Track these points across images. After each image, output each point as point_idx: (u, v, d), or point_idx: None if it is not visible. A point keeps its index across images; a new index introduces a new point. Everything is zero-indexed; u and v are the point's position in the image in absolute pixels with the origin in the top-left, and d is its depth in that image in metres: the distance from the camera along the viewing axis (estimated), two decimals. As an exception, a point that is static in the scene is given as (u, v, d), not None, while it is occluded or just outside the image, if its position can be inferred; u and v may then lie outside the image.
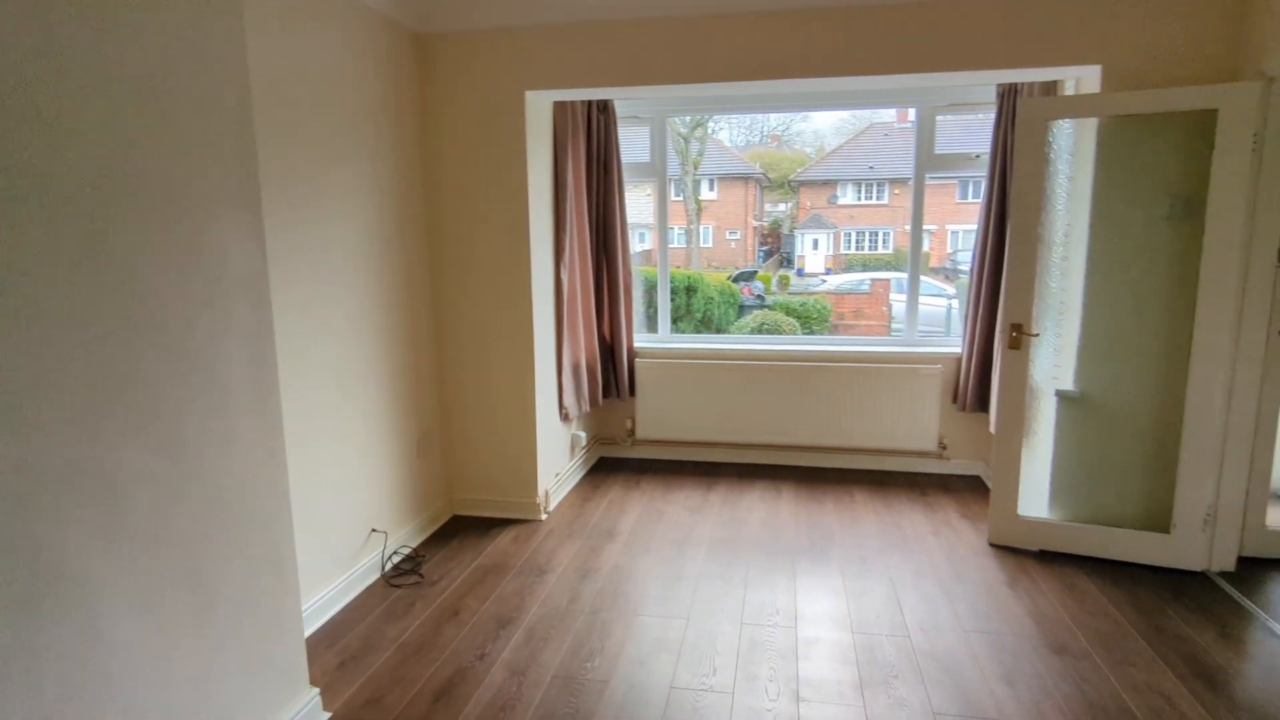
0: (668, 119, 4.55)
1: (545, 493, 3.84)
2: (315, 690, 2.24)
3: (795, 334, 5.75)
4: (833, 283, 8.31)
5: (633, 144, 4.60)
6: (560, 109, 3.84)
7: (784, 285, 8.22)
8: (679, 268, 6.71)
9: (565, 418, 4.11)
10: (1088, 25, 3.07)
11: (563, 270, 3.92)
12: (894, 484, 4.24)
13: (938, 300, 5.95)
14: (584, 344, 4.21)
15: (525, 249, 3.59)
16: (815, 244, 10.38)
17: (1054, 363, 3.28)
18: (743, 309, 6.52)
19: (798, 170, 10.64)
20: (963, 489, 4.15)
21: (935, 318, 5.67)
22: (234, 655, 1.91)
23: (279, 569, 2.06)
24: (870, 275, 8.09)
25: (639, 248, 5.14)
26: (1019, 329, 3.23)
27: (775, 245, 10.42)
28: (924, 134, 4.22)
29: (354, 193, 2.98)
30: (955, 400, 4.27)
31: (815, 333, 6.14)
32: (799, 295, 7.66)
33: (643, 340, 4.73)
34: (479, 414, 3.77)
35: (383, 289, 3.21)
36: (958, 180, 7.67)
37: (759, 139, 10.89)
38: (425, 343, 3.62)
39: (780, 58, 3.28)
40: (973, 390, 4.10)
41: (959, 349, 4.28)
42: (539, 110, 3.67)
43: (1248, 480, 3.08)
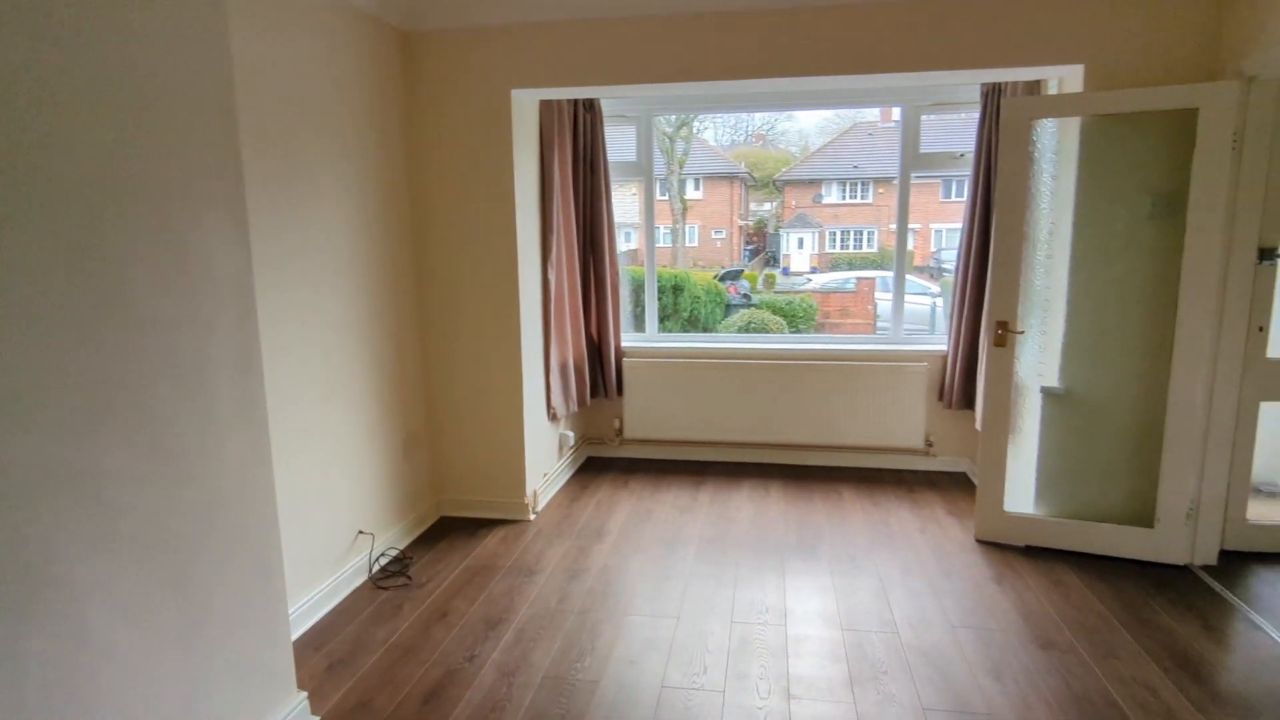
0: (654, 118, 4.55)
1: (533, 493, 3.83)
2: (303, 694, 2.22)
3: (782, 333, 5.76)
4: (818, 281, 8.36)
5: (618, 143, 4.60)
6: (546, 108, 3.83)
7: (770, 284, 8.25)
8: (665, 267, 6.71)
9: (553, 417, 4.10)
10: (1070, 25, 3.10)
11: (550, 270, 3.90)
12: (881, 481, 4.26)
13: (922, 299, 5.99)
14: (571, 343, 4.20)
15: (512, 248, 3.57)
16: (800, 243, 10.42)
17: (1039, 360, 3.31)
18: (729, 308, 6.53)
19: (782, 170, 10.67)
20: (949, 486, 4.18)
21: (920, 316, 5.70)
22: (221, 659, 1.89)
23: (266, 571, 2.04)
24: (855, 274, 8.13)
25: (624, 247, 5.13)
26: (1004, 326, 3.26)
27: (761, 244, 10.45)
28: (909, 133, 4.25)
29: (339, 192, 2.95)
30: (941, 398, 4.30)
31: (801, 331, 6.16)
32: (785, 294, 7.69)
33: (630, 340, 4.72)
34: (466, 415, 3.75)
35: (368, 289, 3.19)
36: (941, 179, 7.72)
37: (744, 138, 10.92)
38: (412, 343, 3.60)
39: (766, 56, 3.29)
40: (958, 388, 4.13)
41: (944, 347, 4.31)
42: (525, 109, 3.66)
43: (1229, 475, 3.13)
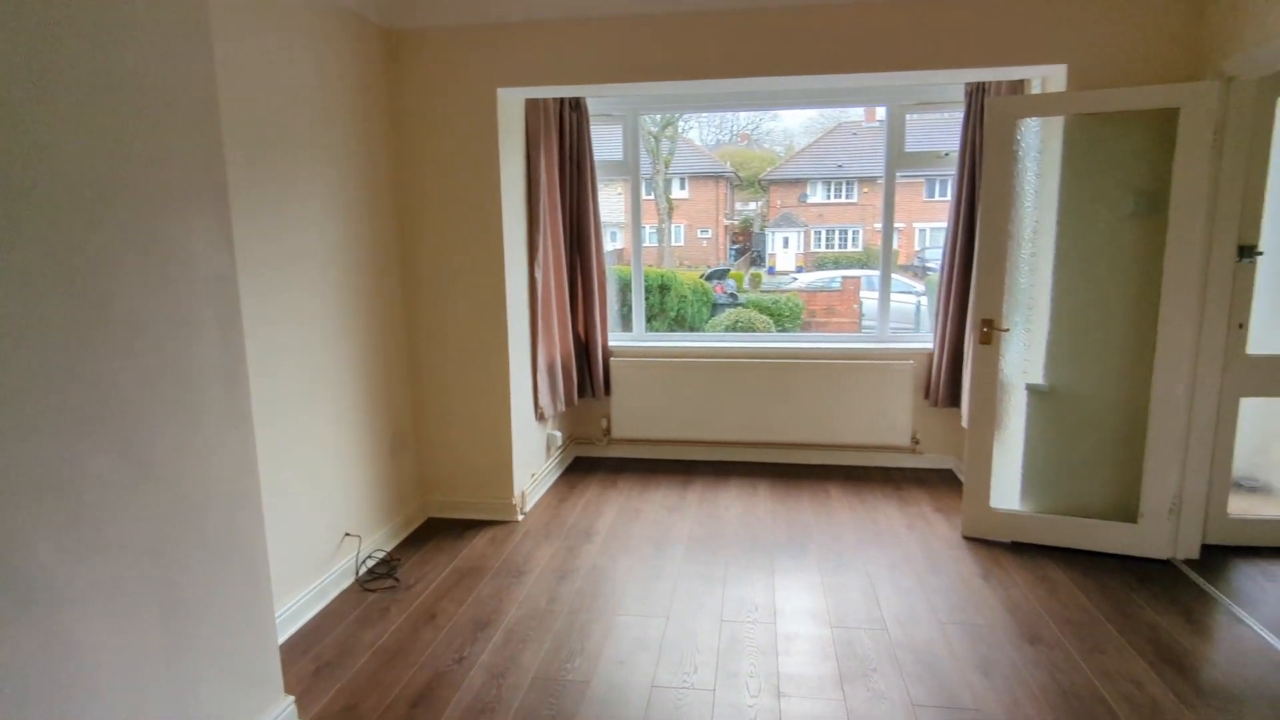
0: (640, 117, 4.54)
1: (521, 493, 3.81)
2: (290, 698, 2.19)
3: (769, 332, 5.77)
4: (804, 280, 8.38)
5: (605, 142, 4.59)
6: (532, 107, 3.81)
7: (756, 283, 8.27)
8: (651, 266, 6.70)
9: (540, 417, 4.09)
10: (1053, 25, 3.12)
11: (537, 269, 3.89)
12: (868, 479, 4.28)
13: (907, 297, 6.02)
14: (559, 343, 4.19)
15: (499, 247, 3.55)
16: (786, 242, 10.44)
17: (1024, 357, 3.33)
18: (716, 307, 6.53)
19: (767, 169, 10.69)
20: (936, 483, 4.20)
21: (905, 314, 5.73)
22: (206, 663, 1.86)
23: (251, 574, 2.01)
24: (841, 273, 8.16)
25: (610, 247, 5.12)
26: (990, 324, 3.28)
27: (746, 244, 10.47)
28: (894, 132, 4.27)
29: (323, 191, 2.93)
30: (927, 396, 4.33)
31: (788, 330, 6.17)
32: (771, 293, 7.71)
33: (617, 339, 4.71)
34: (453, 415, 3.73)
35: (354, 289, 3.16)
36: (924, 179, 7.77)
37: (729, 138, 10.93)
38: (398, 343, 3.57)
39: (752, 55, 3.29)
40: (944, 385, 4.15)
41: (930, 345, 4.34)
42: (511, 108, 3.64)
43: (1210, 470, 3.17)
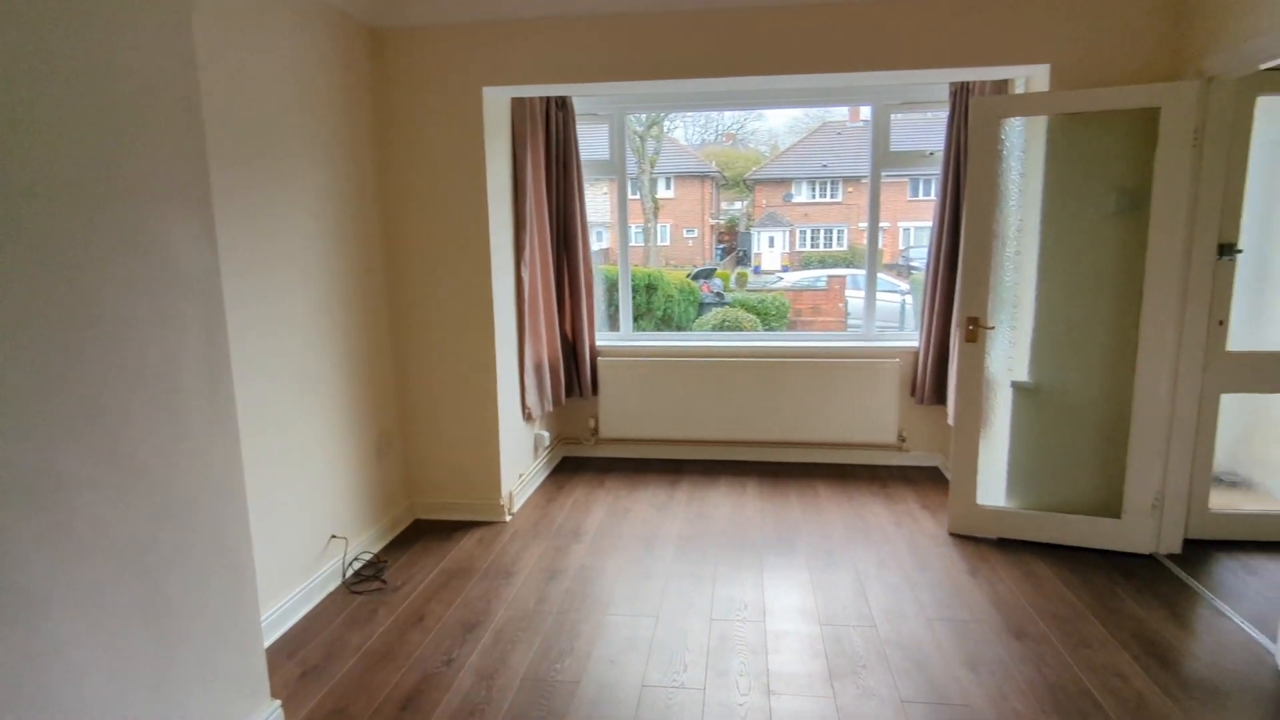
0: (626, 116, 4.54)
1: (509, 494, 3.80)
2: (277, 702, 2.17)
3: (756, 331, 5.79)
4: (790, 280, 8.40)
5: (591, 142, 4.58)
6: (518, 106, 3.80)
7: (742, 283, 8.28)
8: (637, 266, 6.70)
9: (528, 417, 4.07)
10: (1036, 26, 3.15)
11: (523, 269, 3.87)
12: (855, 477, 4.30)
13: (892, 296, 6.05)
14: (546, 343, 4.18)
15: (485, 247, 3.54)
16: (771, 242, 10.47)
17: (1009, 355, 3.36)
18: (702, 307, 6.54)
19: (753, 169, 10.72)
20: (922, 480, 4.23)
21: (890, 313, 5.76)
22: (191, 668, 1.84)
23: (236, 577, 1.99)
24: (826, 272, 8.19)
25: (595, 246, 5.11)
26: (975, 322, 3.30)
27: (732, 243, 10.49)
28: (879, 131, 4.28)
29: (307, 190, 2.90)
30: (913, 393, 4.35)
31: (774, 329, 6.19)
32: (757, 292, 7.72)
33: (605, 339, 4.71)
34: (440, 415, 3.70)
35: (339, 288, 3.13)
36: (909, 178, 7.82)
37: (714, 137, 10.95)
38: (384, 344, 3.54)
39: (738, 54, 3.29)
40: (930, 383, 4.18)
41: (916, 343, 4.36)
42: (497, 107, 3.62)
43: (1192, 466, 3.20)
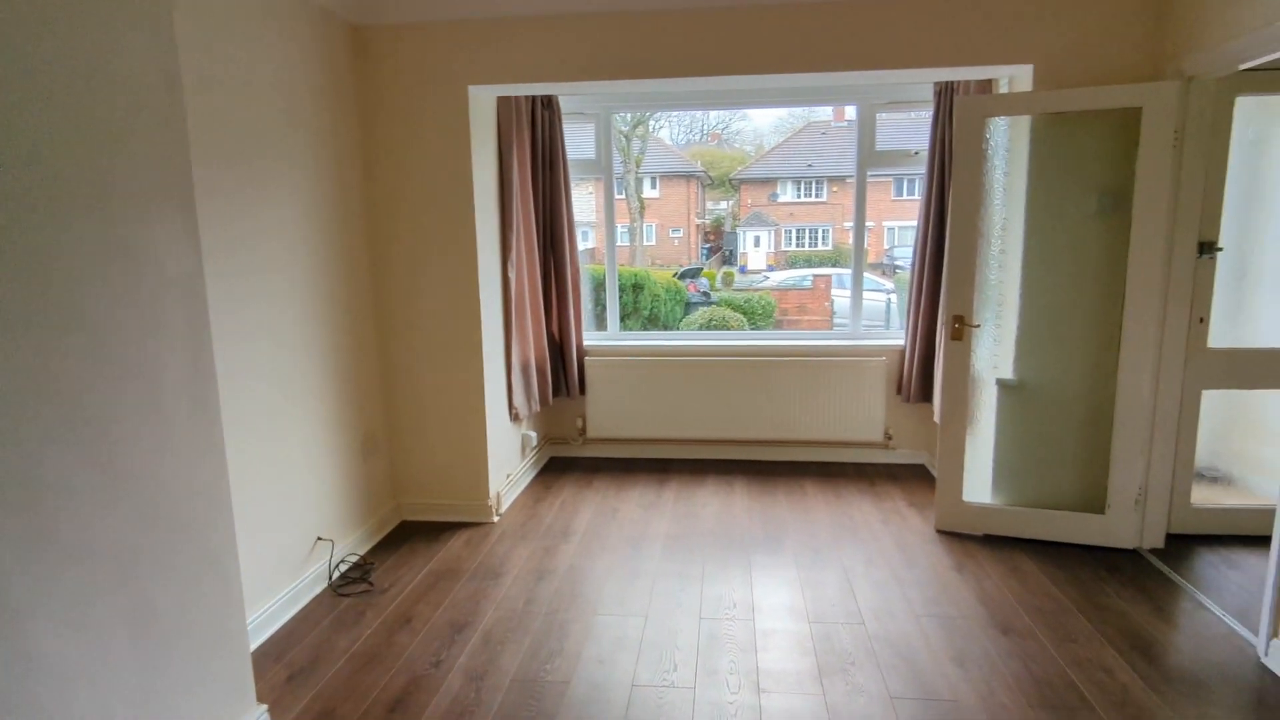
0: (612, 115, 4.53)
1: (497, 495, 3.78)
2: (263, 707, 2.15)
3: (743, 330, 5.80)
4: (776, 279, 8.43)
5: (577, 141, 4.56)
6: (504, 104, 3.78)
7: (728, 282, 8.30)
8: (623, 266, 6.69)
9: (515, 418, 4.05)
10: (1019, 26, 3.18)
11: (510, 269, 3.86)
12: (843, 475, 4.32)
13: (877, 295, 6.09)
14: (533, 343, 4.16)
15: (472, 246, 3.52)
16: (757, 241, 10.51)
17: (994, 352, 3.38)
18: (689, 306, 6.55)
19: (738, 168, 10.75)
20: (909, 478, 4.25)
21: (875, 312, 5.79)
22: (176, 673, 1.81)
23: (222, 581, 1.97)
24: (812, 271, 8.23)
25: (581, 246, 5.11)
26: (961, 320, 3.33)
27: (718, 243, 10.52)
28: (865, 131, 4.30)
29: (291, 190, 2.87)
30: (900, 392, 4.37)
31: (761, 328, 6.21)
32: (743, 291, 7.74)
33: (592, 338, 4.70)
34: (426, 416, 3.68)
35: (324, 289, 3.10)
36: (893, 178, 7.87)
37: (699, 137, 10.97)
38: (370, 344, 3.52)
39: (724, 54, 3.30)
40: (916, 381, 4.20)
41: (902, 342, 4.39)
42: (483, 106, 3.61)
43: (1174, 461, 3.24)
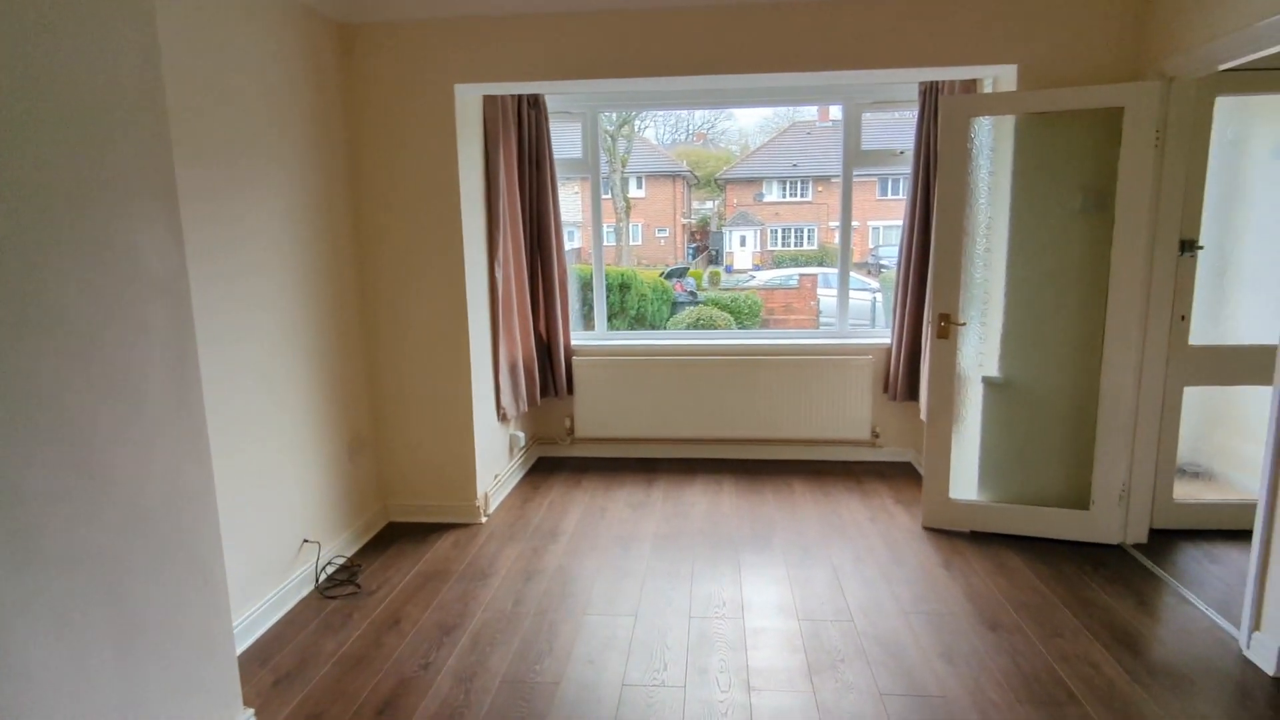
0: (599, 114, 4.52)
1: (484, 495, 3.76)
2: (250, 711, 2.13)
3: (730, 329, 5.81)
4: (762, 278, 8.45)
5: (563, 140, 4.55)
6: (490, 103, 3.76)
7: (715, 281, 8.31)
8: (610, 265, 6.68)
9: (503, 418, 4.04)
10: (1003, 26, 3.20)
11: (497, 268, 3.84)
12: (830, 473, 4.33)
13: (863, 294, 6.12)
14: (520, 343, 4.15)
15: (458, 247, 3.50)
16: (743, 241, 10.53)
17: (979, 350, 3.41)
18: (676, 306, 6.55)
19: (724, 168, 10.77)
20: (896, 475, 4.27)
21: (861, 311, 5.82)
22: (161, 679, 1.79)
23: (207, 585, 1.94)
24: (798, 271, 8.25)
25: (567, 246, 5.09)
26: (947, 319, 3.35)
27: (704, 242, 10.53)
28: (850, 130, 4.32)
29: (275, 191, 2.84)
30: (886, 390, 4.40)
31: (747, 328, 6.22)
32: (730, 291, 7.75)
33: (579, 338, 4.69)
34: (414, 417, 3.66)
35: (309, 290, 3.08)
36: (878, 178, 7.91)
37: (685, 137, 10.97)
38: (356, 344, 3.49)
39: (711, 53, 3.30)
40: (903, 380, 4.22)
41: (888, 340, 4.41)
42: (469, 104, 3.59)
43: (1156, 457, 3.28)
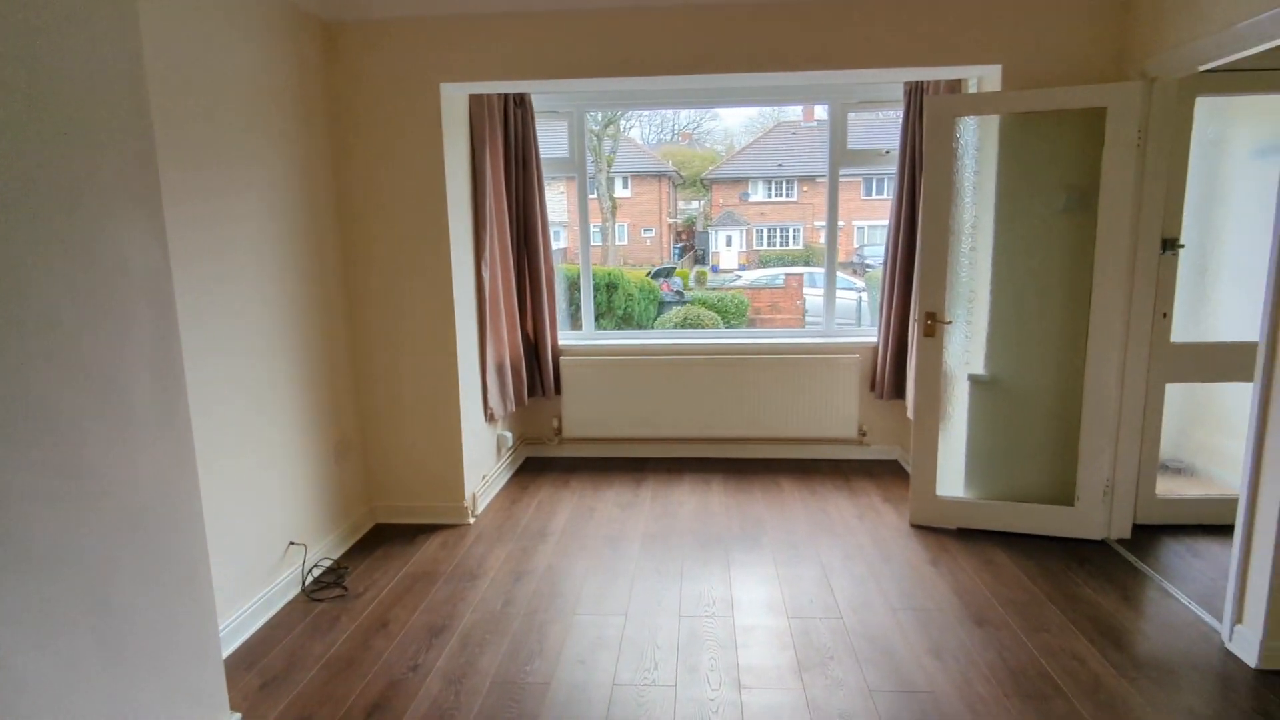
0: (585, 114, 4.52)
1: (472, 496, 3.75)
2: (237, 715, 2.11)
3: (718, 328, 5.81)
4: (748, 278, 8.47)
5: (549, 140, 4.54)
6: (476, 102, 3.75)
7: (701, 281, 8.32)
8: (596, 265, 6.67)
9: (490, 418, 4.02)
10: (987, 27, 3.23)
11: (484, 268, 3.82)
12: (818, 471, 4.35)
13: (848, 293, 6.14)
14: (508, 343, 4.13)
15: (445, 246, 3.48)
16: (729, 240, 10.54)
17: (965, 349, 3.43)
18: (663, 305, 6.55)
19: (709, 168, 10.78)
20: (883, 473, 4.30)
21: (847, 310, 5.85)
22: (146, 683, 1.77)
23: (193, 587, 1.92)
24: (784, 270, 8.28)
25: (554, 245, 5.08)
26: (933, 317, 3.37)
27: (690, 242, 10.54)
28: (836, 130, 4.34)
29: (260, 189, 2.81)
30: (873, 388, 4.42)
31: (735, 327, 6.23)
32: (716, 291, 7.76)
33: (567, 338, 4.68)
34: (400, 418, 3.64)
35: (294, 291, 3.05)
36: (863, 178, 7.94)
37: (670, 137, 10.97)
38: (342, 345, 3.46)
39: (696, 53, 3.30)
40: (889, 378, 4.25)
41: (875, 339, 4.43)
42: (455, 104, 3.57)
43: (1139, 454, 3.32)
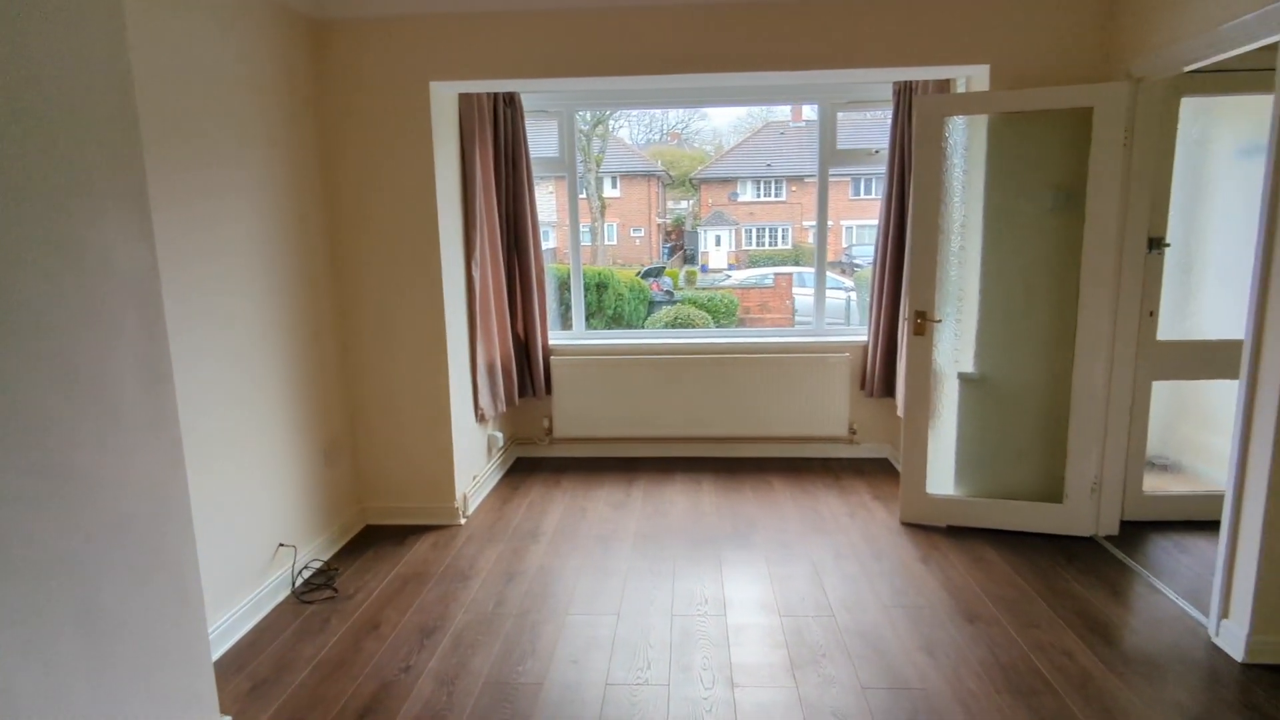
0: (575, 113, 4.51)
1: (463, 496, 3.73)
2: (227, 718, 2.09)
3: (708, 328, 5.82)
4: (738, 277, 8.49)
5: (539, 139, 4.53)
6: (466, 101, 3.73)
7: (691, 281, 8.34)
8: (586, 265, 6.66)
9: (481, 419, 4.01)
10: (975, 27, 3.25)
11: (474, 268, 3.81)
12: (808, 470, 4.36)
13: (837, 293, 6.16)
14: (498, 343, 4.12)
15: (434, 246, 3.47)
16: (718, 240, 10.57)
17: (955, 347, 3.45)
18: (653, 305, 6.55)
19: (698, 168, 10.80)
20: (873, 472, 4.32)
21: (836, 310, 5.87)
22: (134, 686, 1.75)
23: (182, 590, 1.90)
24: (774, 270, 8.30)
25: (543, 245, 5.07)
26: (923, 316, 3.39)
27: (679, 242, 10.56)
28: (826, 130, 4.35)
29: (247, 190, 2.79)
30: (863, 387, 4.44)
31: (725, 326, 6.24)
32: (706, 290, 7.78)
33: (557, 338, 4.67)
34: (390, 419, 3.62)
35: (283, 293, 3.03)
36: (851, 178, 7.98)
37: (659, 137, 10.99)
38: (331, 346, 3.44)
39: (686, 52, 3.31)
40: (879, 377, 4.27)
41: (864, 337, 4.45)
42: (444, 103, 3.56)
43: (1127, 451, 3.35)
